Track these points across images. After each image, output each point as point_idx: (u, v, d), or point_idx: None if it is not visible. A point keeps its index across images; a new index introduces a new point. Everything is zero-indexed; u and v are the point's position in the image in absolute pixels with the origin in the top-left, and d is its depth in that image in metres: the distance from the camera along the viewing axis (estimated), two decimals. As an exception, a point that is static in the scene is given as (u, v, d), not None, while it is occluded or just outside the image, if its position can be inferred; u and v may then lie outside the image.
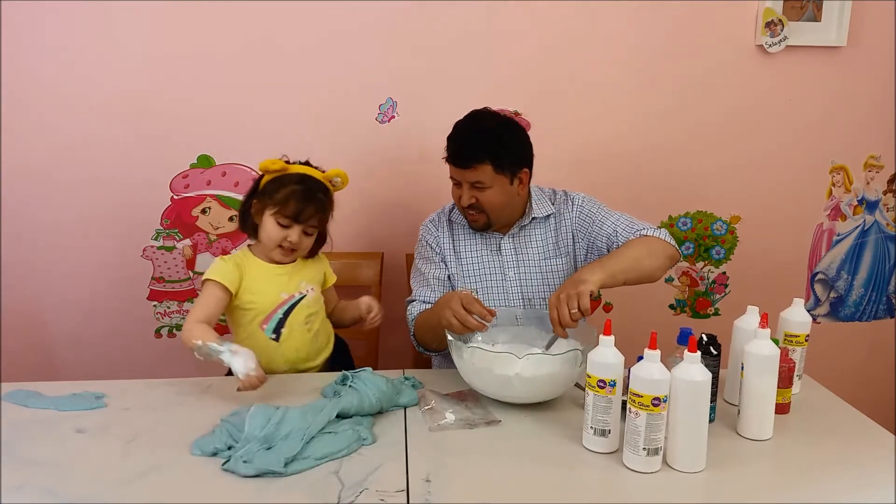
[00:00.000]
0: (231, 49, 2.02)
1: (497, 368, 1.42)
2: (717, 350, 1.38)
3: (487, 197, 1.68)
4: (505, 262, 1.77)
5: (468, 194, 1.68)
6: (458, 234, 1.81)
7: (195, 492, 1.17)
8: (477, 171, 1.64)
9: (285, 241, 1.61)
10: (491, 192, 1.67)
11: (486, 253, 1.79)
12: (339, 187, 1.70)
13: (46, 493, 1.16)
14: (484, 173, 1.65)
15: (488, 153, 1.64)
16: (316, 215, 1.62)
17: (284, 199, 1.59)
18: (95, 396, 1.49)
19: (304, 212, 1.59)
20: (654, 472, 1.23)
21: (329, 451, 1.26)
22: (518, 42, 2.10)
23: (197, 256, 2.15)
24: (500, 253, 1.78)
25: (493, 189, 1.67)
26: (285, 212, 1.59)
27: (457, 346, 1.47)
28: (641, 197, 2.24)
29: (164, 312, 2.18)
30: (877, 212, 2.39)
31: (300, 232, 1.62)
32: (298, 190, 1.59)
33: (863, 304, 2.46)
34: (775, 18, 2.13)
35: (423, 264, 1.81)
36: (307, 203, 1.60)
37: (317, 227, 1.66)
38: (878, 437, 1.39)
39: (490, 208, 1.70)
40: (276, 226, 1.60)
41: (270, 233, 1.61)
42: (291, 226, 1.60)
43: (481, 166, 1.64)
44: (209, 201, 2.11)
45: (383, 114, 2.11)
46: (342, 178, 1.68)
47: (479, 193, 1.68)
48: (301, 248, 1.65)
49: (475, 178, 1.65)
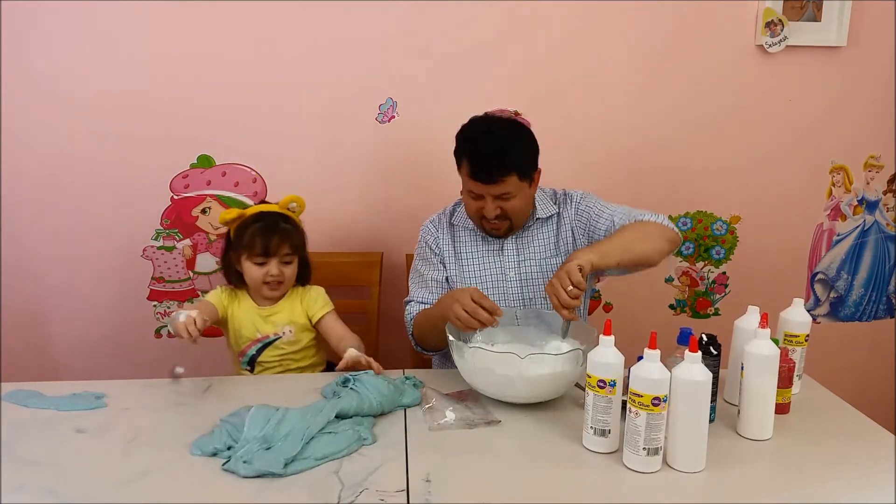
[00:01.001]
0: (231, 49, 2.02)
1: (499, 368, 1.42)
2: (717, 350, 1.38)
3: (513, 205, 1.67)
4: (506, 263, 1.77)
5: (493, 206, 1.65)
6: (461, 236, 1.81)
7: (195, 492, 1.17)
8: (504, 183, 1.62)
9: (267, 276, 1.70)
10: (516, 199, 1.66)
11: (488, 254, 1.78)
12: (299, 211, 1.78)
13: (46, 493, 1.16)
14: (510, 184, 1.63)
15: (513, 165, 1.62)
16: (284, 243, 1.70)
17: (251, 238, 1.68)
18: (95, 396, 1.49)
19: (271, 243, 1.68)
20: (654, 472, 1.23)
21: (329, 451, 1.26)
22: (518, 42, 2.10)
23: (197, 256, 2.15)
24: (503, 254, 1.78)
25: (517, 197, 1.66)
26: (256, 249, 1.68)
27: (458, 347, 1.46)
28: (641, 197, 2.24)
29: (164, 312, 2.18)
30: (877, 212, 2.39)
31: (278, 263, 1.70)
32: (260, 226, 1.69)
33: (863, 304, 2.46)
34: (775, 18, 2.13)
35: (423, 266, 1.81)
36: (271, 235, 1.68)
37: (293, 255, 1.73)
38: (878, 437, 1.39)
39: (515, 215, 1.69)
40: (254, 266, 1.70)
41: (252, 274, 1.71)
42: (267, 261, 1.69)
43: (508, 178, 1.62)
44: (209, 201, 2.11)
45: (383, 114, 2.11)
46: (298, 202, 1.77)
47: (504, 203, 1.66)
48: (286, 278, 1.73)
49: (502, 190, 1.63)
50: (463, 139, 1.68)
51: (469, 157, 1.64)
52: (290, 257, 1.72)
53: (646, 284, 2.28)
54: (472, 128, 1.69)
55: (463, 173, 1.67)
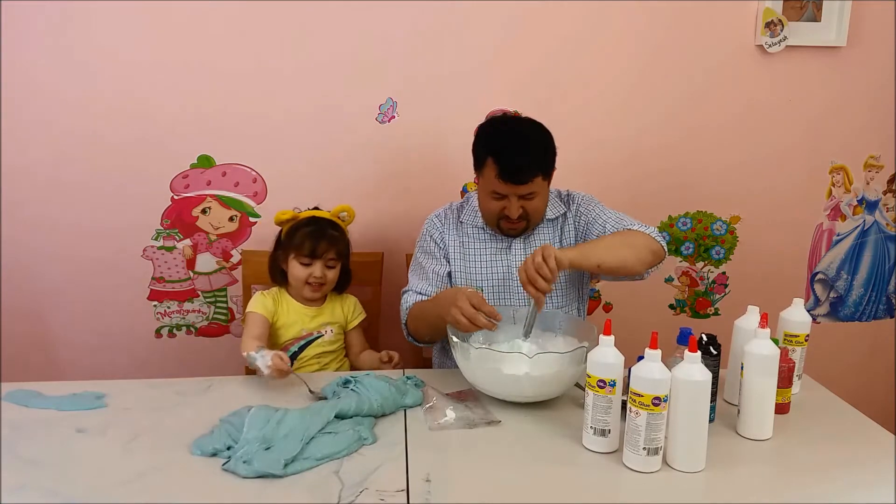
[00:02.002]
0: (232, 50, 2.01)
1: (507, 368, 1.42)
2: (717, 350, 1.38)
3: (534, 205, 1.67)
4: (512, 263, 1.77)
5: (516, 206, 1.65)
6: (469, 233, 1.80)
7: (195, 492, 1.17)
8: (531, 184, 1.62)
9: (311, 277, 1.78)
10: (538, 199, 1.67)
11: (496, 253, 1.78)
12: (348, 221, 1.89)
13: (46, 493, 1.16)
14: (536, 184, 1.63)
15: (540, 165, 1.63)
16: (332, 248, 1.79)
17: (301, 240, 1.77)
18: (95, 396, 1.49)
19: (319, 246, 1.77)
20: (654, 471, 1.23)
21: (330, 451, 1.26)
22: (518, 43, 2.10)
23: (197, 256, 2.15)
24: (510, 252, 1.77)
25: (539, 195, 1.67)
26: (304, 251, 1.77)
27: (462, 349, 1.46)
28: (641, 197, 2.24)
29: (164, 312, 2.18)
30: (877, 212, 2.39)
31: (322, 266, 1.79)
32: (311, 230, 1.78)
33: (863, 304, 2.46)
34: (775, 18, 2.13)
35: (424, 258, 1.81)
36: (321, 239, 1.77)
37: (337, 260, 1.81)
38: (878, 437, 1.39)
39: (535, 215, 1.70)
40: (300, 266, 1.78)
41: (297, 273, 1.79)
42: (312, 262, 1.78)
43: (535, 179, 1.62)
44: (209, 201, 2.11)
45: (383, 114, 2.11)
46: (348, 212, 1.89)
47: (527, 203, 1.66)
48: (328, 280, 1.81)
49: (528, 190, 1.63)
50: (487, 140, 1.67)
51: (497, 158, 1.61)
52: (334, 262, 1.80)
53: (646, 284, 2.27)
54: (496, 128, 1.69)
55: (486, 174, 1.64)
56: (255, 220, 2.13)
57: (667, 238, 2.23)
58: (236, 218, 2.12)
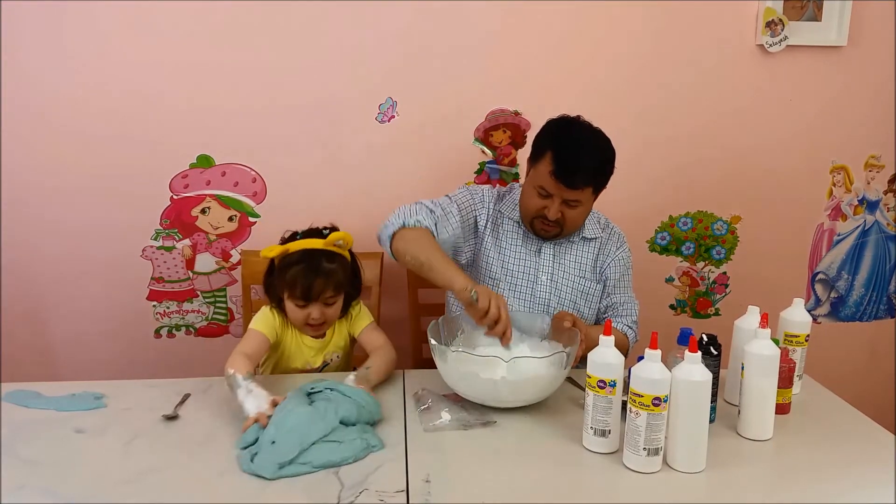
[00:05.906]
0: (231, 49, 2.01)
1: (483, 372, 1.40)
2: (717, 350, 1.38)
3: (574, 214, 1.67)
4: (540, 267, 1.76)
5: (557, 208, 1.64)
6: (504, 225, 1.79)
7: (195, 492, 1.17)
8: (581, 192, 1.62)
9: (309, 318, 1.61)
10: (580, 209, 1.67)
11: (526, 252, 1.77)
12: (346, 247, 1.68)
13: (46, 493, 1.16)
14: (584, 194, 1.63)
15: (596, 178, 1.64)
16: (327, 287, 1.60)
17: (293, 279, 1.58)
18: (95, 396, 1.49)
19: (313, 288, 1.58)
20: (654, 472, 1.23)
21: (335, 459, 1.25)
22: (518, 42, 2.10)
23: (196, 256, 2.14)
24: (539, 256, 1.77)
25: (583, 207, 1.67)
26: (296, 293, 1.58)
27: (440, 351, 1.45)
28: (641, 196, 2.24)
29: (163, 312, 2.18)
30: (877, 212, 2.39)
31: (320, 307, 1.61)
32: (302, 269, 1.58)
33: (863, 304, 2.46)
34: (775, 18, 2.12)
35: (448, 204, 1.73)
36: (314, 278, 1.58)
37: (336, 295, 1.63)
38: (879, 438, 1.39)
39: (570, 225, 1.69)
40: (296, 308, 1.61)
41: (293, 314, 1.62)
42: (308, 305, 1.60)
43: (586, 189, 1.63)
44: (209, 201, 2.11)
45: (383, 114, 2.11)
46: (345, 239, 1.66)
47: (567, 210, 1.65)
48: (328, 318, 1.64)
49: (575, 197, 1.63)
50: (554, 135, 1.66)
51: (559, 156, 1.60)
52: (333, 298, 1.62)
53: (646, 285, 2.27)
54: (565, 126, 1.68)
55: (541, 168, 1.63)
56: (254, 220, 2.13)
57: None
58: (236, 218, 2.12)
